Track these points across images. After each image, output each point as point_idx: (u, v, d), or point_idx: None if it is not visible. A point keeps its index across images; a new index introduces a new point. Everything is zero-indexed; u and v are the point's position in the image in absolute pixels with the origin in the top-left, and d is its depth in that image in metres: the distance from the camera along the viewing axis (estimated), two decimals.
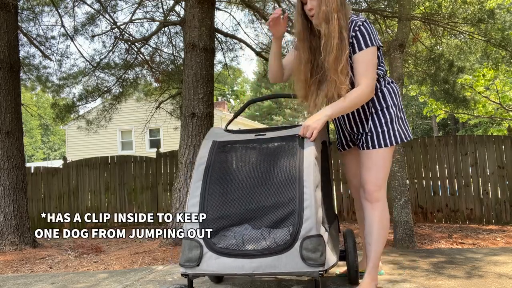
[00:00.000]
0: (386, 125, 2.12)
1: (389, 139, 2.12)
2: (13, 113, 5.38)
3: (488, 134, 14.74)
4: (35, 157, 40.23)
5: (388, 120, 2.12)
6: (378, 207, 2.12)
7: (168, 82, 8.12)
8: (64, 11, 7.28)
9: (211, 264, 1.77)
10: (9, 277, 3.49)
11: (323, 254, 1.73)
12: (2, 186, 5.20)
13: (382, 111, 2.13)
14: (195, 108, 4.65)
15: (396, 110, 2.15)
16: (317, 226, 1.75)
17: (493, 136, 6.11)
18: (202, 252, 1.78)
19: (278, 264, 1.72)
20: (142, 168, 7.83)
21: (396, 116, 2.14)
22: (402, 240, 3.99)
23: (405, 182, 4.10)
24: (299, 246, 1.72)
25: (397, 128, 2.14)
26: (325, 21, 2.03)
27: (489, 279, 2.47)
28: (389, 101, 2.14)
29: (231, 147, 2.09)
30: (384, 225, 2.14)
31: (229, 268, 1.74)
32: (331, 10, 2.01)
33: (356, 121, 2.21)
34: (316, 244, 1.72)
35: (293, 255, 1.72)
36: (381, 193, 2.12)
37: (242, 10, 7.22)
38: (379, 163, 2.12)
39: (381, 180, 2.12)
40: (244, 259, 1.74)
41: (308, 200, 1.77)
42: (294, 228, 1.74)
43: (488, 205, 5.90)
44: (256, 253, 1.74)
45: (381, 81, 2.17)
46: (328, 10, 2.01)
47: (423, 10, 6.05)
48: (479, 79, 10.01)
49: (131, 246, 5.20)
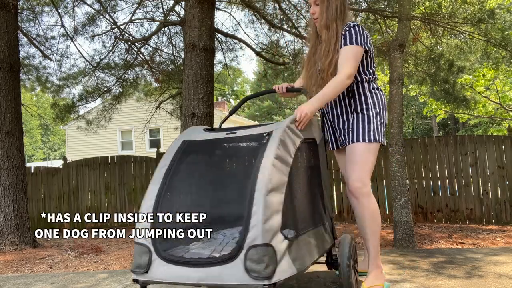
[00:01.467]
0: (364, 123, 2.26)
1: (367, 135, 2.23)
2: (13, 113, 5.38)
3: (488, 134, 14.74)
4: (35, 157, 40.23)
5: (366, 120, 2.26)
6: (364, 202, 2.21)
7: (168, 82, 8.12)
8: (64, 11, 7.28)
9: (159, 272, 1.65)
10: (9, 277, 3.49)
11: (268, 266, 1.53)
12: (2, 186, 5.20)
13: (362, 112, 2.28)
14: (195, 108, 4.65)
15: (375, 113, 2.28)
16: (264, 234, 1.55)
17: (493, 136, 6.11)
18: (151, 258, 1.67)
19: (224, 275, 1.56)
20: (142, 168, 7.83)
21: (375, 118, 2.27)
22: (402, 240, 3.99)
23: (405, 182, 4.10)
24: (243, 256, 1.55)
25: (374, 128, 2.26)
26: (325, 28, 2.29)
27: (489, 279, 2.47)
28: (370, 104, 2.29)
29: (198, 147, 2.00)
30: (374, 217, 2.23)
31: (175, 277, 1.62)
32: (332, 19, 2.27)
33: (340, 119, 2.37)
34: (261, 254, 1.53)
35: (238, 266, 1.55)
36: (366, 189, 2.22)
37: (242, 10, 7.21)
38: (360, 159, 2.23)
39: (364, 176, 2.22)
40: (190, 268, 1.60)
41: (256, 206, 1.58)
42: (241, 236, 1.58)
43: (488, 205, 5.90)
44: (203, 262, 1.61)
45: (365, 85, 2.31)
46: (329, 19, 2.27)
47: (423, 10, 6.05)
48: (479, 79, 10.01)
49: (131, 246, 5.20)
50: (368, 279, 2.17)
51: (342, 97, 2.33)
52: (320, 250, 1.99)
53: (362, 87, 2.30)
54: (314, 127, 2.18)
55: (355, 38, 2.22)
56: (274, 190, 1.64)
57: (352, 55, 2.20)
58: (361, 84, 2.30)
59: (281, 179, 1.70)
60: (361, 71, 2.29)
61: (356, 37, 2.22)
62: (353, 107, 2.30)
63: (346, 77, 2.16)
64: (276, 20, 7.05)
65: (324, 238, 2.10)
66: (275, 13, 7.09)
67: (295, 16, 7.05)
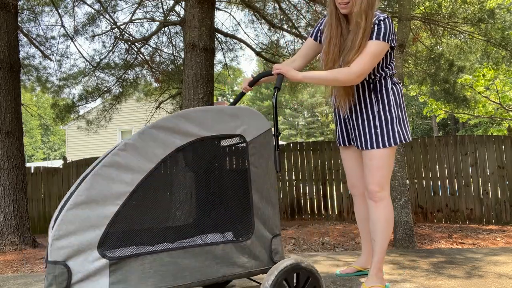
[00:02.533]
0: (386, 126, 2.14)
1: (387, 140, 2.13)
2: (13, 113, 5.38)
3: (488, 134, 14.74)
4: (35, 157, 40.24)
5: (389, 121, 2.14)
6: (381, 206, 2.15)
7: (168, 82, 8.13)
8: (64, 11, 7.28)
9: None
10: (9, 277, 3.49)
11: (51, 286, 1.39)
12: (2, 186, 5.20)
13: (384, 111, 2.15)
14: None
15: (398, 110, 2.17)
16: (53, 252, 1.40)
17: (493, 136, 6.11)
18: None
19: None
20: None
21: (398, 117, 2.17)
22: (402, 240, 3.99)
23: (405, 182, 4.10)
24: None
25: (397, 129, 2.15)
26: (363, 16, 2.02)
27: (489, 279, 2.47)
28: (392, 101, 2.16)
29: None
30: (389, 222, 2.18)
31: None
32: (370, 6, 2.03)
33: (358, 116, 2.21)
34: (48, 272, 1.41)
35: None
36: (385, 193, 2.16)
37: (242, 10, 7.22)
38: (380, 164, 2.14)
39: (384, 180, 2.15)
40: None
41: (56, 221, 1.44)
42: None
43: (488, 205, 5.90)
44: None
45: (387, 80, 2.19)
46: (369, 6, 2.02)
47: (423, 10, 6.04)
48: (479, 79, 10.01)
49: None
50: (369, 279, 2.17)
51: (363, 93, 2.18)
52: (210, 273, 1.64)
53: (385, 83, 2.17)
54: (243, 122, 1.77)
55: (383, 33, 2.04)
56: (93, 203, 1.45)
57: (372, 54, 2.02)
58: (383, 79, 2.17)
59: (114, 190, 1.49)
60: (384, 66, 2.16)
61: (385, 32, 2.04)
62: (376, 106, 2.16)
63: (356, 75, 2.01)
64: (276, 20, 7.06)
65: (231, 259, 1.69)
66: (275, 13, 7.09)
67: (295, 16, 7.05)
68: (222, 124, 1.71)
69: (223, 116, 1.71)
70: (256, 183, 1.76)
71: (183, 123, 1.63)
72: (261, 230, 1.75)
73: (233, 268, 1.69)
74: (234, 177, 1.76)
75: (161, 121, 1.61)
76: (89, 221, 1.44)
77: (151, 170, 1.55)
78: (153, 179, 1.57)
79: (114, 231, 1.48)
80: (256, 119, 1.79)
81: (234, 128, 1.73)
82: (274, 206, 1.80)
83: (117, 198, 1.49)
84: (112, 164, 1.49)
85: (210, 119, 1.68)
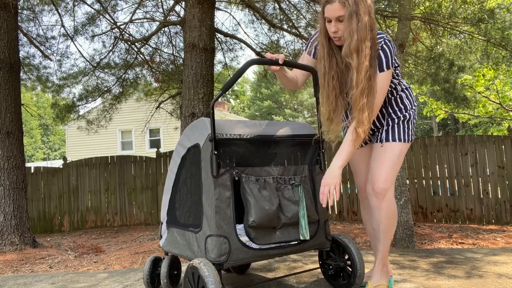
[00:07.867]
0: (405, 123, 2.17)
1: (405, 136, 2.16)
2: (13, 113, 5.38)
3: (488, 134, 14.74)
4: (35, 157, 40.24)
5: (406, 119, 2.18)
6: (386, 203, 2.12)
7: (168, 82, 8.13)
8: (64, 11, 7.28)
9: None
10: (9, 277, 3.49)
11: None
12: (2, 186, 5.20)
13: (401, 111, 2.19)
14: (195, 108, 4.65)
15: (412, 112, 2.21)
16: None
17: (493, 136, 6.11)
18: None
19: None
20: (142, 168, 7.83)
21: (411, 116, 2.20)
22: (402, 240, 3.99)
23: (405, 182, 4.10)
24: None
25: (412, 128, 2.21)
26: (356, 52, 1.89)
27: (489, 279, 2.47)
28: (407, 105, 2.19)
29: None
30: (393, 220, 2.17)
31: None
32: (363, 39, 1.88)
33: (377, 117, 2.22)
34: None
35: None
36: (390, 191, 2.14)
37: (242, 10, 7.22)
38: (393, 158, 2.12)
39: (392, 178, 2.13)
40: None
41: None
42: None
43: (488, 205, 5.90)
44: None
45: (397, 87, 2.21)
46: (360, 40, 1.88)
47: (423, 10, 6.05)
48: (479, 79, 10.01)
49: (131, 246, 5.20)
50: (373, 279, 2.16)
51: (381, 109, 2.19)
52: (183, 250, 2.12)
53: (395, 91, 2.19)
54: (199, 131, 2.01)
55: (385, 63, 1.98)
56: (165, 192, 2.33)
57: (382, 86, 1.98)
58: (394, 90, 2.18)
59: (168, 184, 2.30)
60: (392, 79, 2.14)
61: (387, 61, 1.98)
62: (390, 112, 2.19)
63: (375, 116, 2.01)
64: (276, 20, 7.06)
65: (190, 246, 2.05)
66: (275, 13, 7.09)
67: (295, 16, 7.05)
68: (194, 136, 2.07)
69: (193, 129, 2.10)
70: (204, 186, 1.96)
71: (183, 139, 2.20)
72: (205, 227, 1.94)
73: (191, 253, 2.07)
74: (196, 178, 2.07)
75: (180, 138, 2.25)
76: (163, 202, 2.38)
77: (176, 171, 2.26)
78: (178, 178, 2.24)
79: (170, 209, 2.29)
80: (205, 129, 1.98)
81: (195, 139, 2.06)
82: (211, 207, 1.91)
83: (168, 190, 2.31)
84: (170, 168, 2.32)
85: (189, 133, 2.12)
